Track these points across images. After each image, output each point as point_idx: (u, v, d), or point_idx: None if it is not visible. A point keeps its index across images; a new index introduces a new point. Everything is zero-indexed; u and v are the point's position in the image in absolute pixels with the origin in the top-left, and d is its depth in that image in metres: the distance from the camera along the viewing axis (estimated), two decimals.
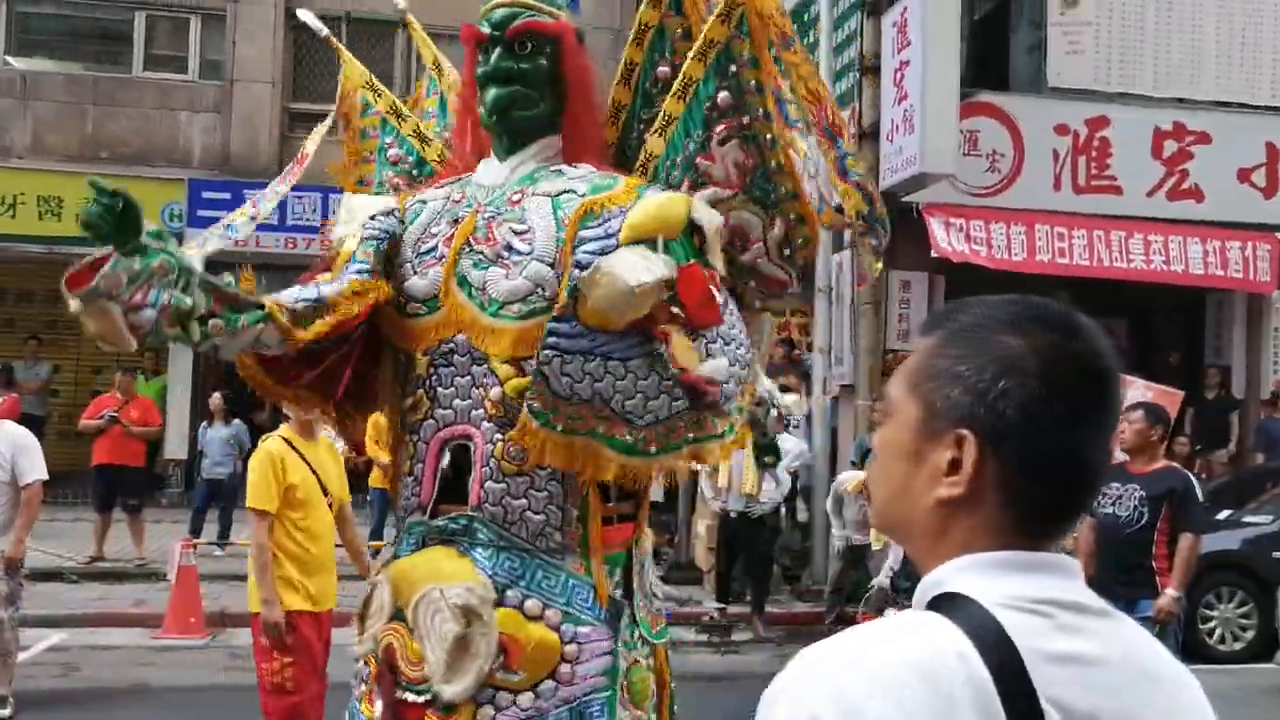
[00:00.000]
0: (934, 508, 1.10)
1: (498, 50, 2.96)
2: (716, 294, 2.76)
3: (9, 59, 13.69)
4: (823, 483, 10.06)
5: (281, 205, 10.58)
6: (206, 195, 13.28)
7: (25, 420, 10.09)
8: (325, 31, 3.81)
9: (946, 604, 1.05)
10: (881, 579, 7.22)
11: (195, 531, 10.50)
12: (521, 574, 2.81)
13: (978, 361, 1.09)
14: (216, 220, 4.05)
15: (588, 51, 3.12)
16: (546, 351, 2.69)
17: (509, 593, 2.78)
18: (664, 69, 3.08)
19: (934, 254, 10.04)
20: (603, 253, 2.69)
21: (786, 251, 3.01)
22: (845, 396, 10.77)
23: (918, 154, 9.42)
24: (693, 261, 2.74)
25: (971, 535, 1.09)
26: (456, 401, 2.89)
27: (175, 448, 13.59)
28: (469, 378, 2.88)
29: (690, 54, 2.97)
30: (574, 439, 2.72)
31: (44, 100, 13.58)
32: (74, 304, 2.42)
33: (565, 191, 2.91)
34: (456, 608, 2.73)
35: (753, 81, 2.93)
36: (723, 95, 2.92)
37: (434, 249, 2.97)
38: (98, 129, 13.49)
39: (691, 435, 2.79)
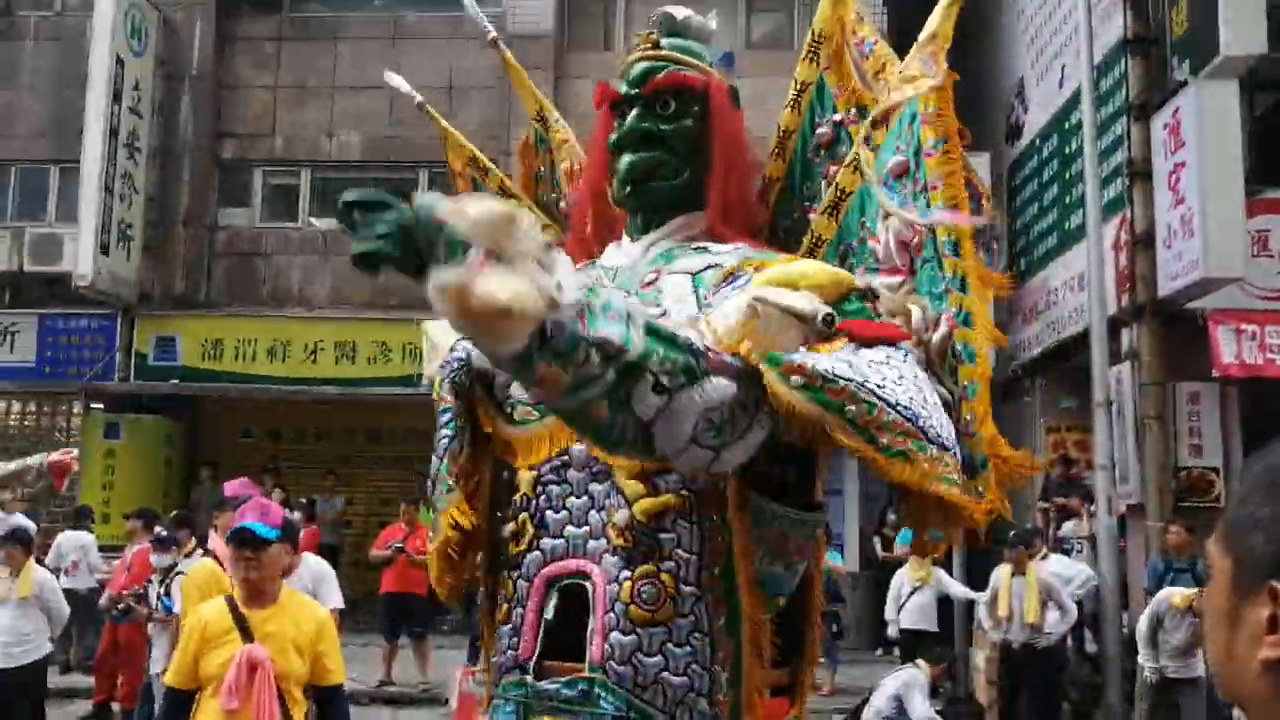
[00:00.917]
0: (1261, 673, 0.98)
1: (635, 110, 2.51)
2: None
3: (312, 220, 15.06)
4: (1112, 610, 9.37)
5: None
6: None
7: (322, 550, 10.80)
8: (419, 99, 3.42)
9: None
10: None
11: (473, 658, 10.81)
12: None
13: (1268, 502, 0.99)
14: None
15: (743, 114, 2.66)
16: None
17: None
18: (824, 130, 2.65)
19: (1215, 372, 9.36)
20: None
21: (948, 363, 2.33)
22: (1133, 517, 10.07)
23: (1199, 258, 8.88)
24: (845, 321, 2.14)
25: None
26: (570, 529, 2.33)
27: None
28: (586, 498, 2.33)
29: (871, 117, 2.48)
30: (827, 408, 1.98)
31: (342, 255, 14.80)
32: None
33: (710, 267, 2.38)
34: None
35: (931, 139, 2.38)
36: (896, 160, 2.40)
37: None
38: (388, 278, 14.45)
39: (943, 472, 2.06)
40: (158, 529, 8.99)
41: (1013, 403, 13.07)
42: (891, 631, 10.23)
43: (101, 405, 14.57)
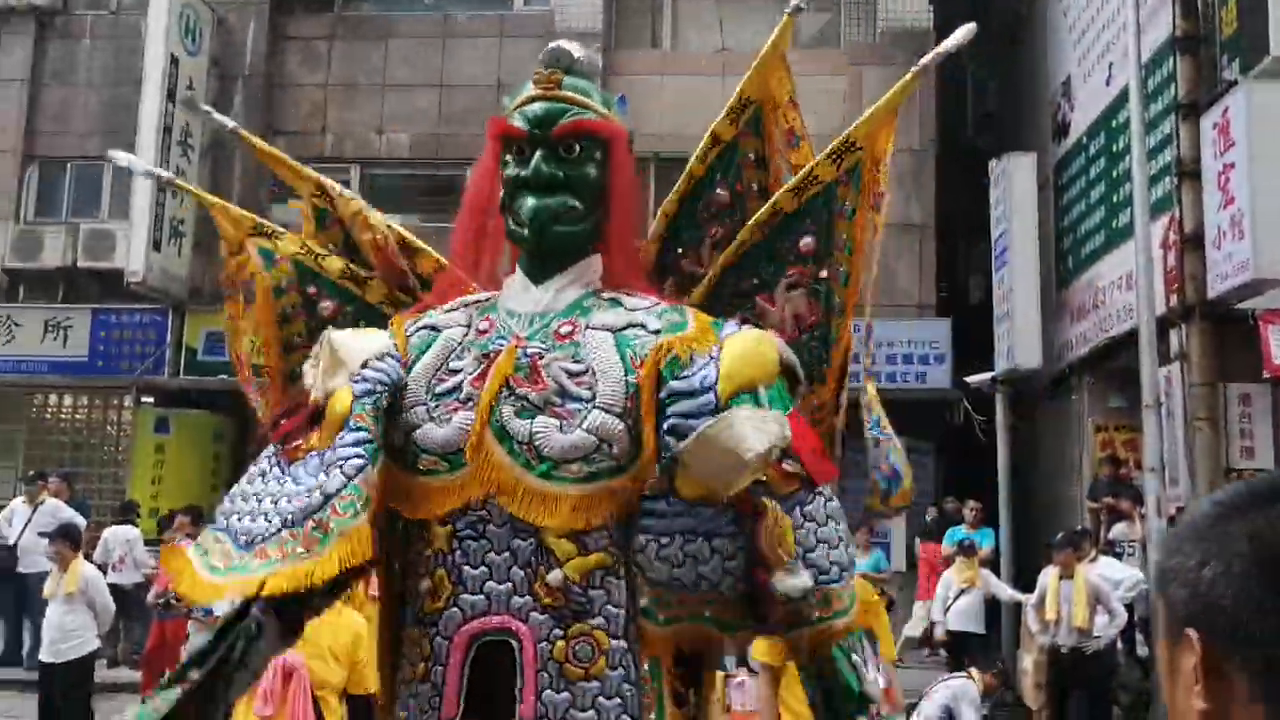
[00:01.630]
0: None
1: (539, 152, 2.43)
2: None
3: None
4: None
5: None
6: None
7: None
8: (231, 124, 3.15)
9: None
10: None
11: None
12: None
13: (1193, 553, 0.99)
14: None
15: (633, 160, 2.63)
16: (641, 536, 2.21)
17: None
18: (723, 193, 2.68)
19: (1266, 373, 9.24)
20: (699, 413, 2.19)
21: (817, 423, 2.53)
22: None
23: (1250, 259, 8.76)
24: (792, 409, 2.29)
25: None
26: (490, 584, 2.26)
27: None
28: (508, 554, 2.26)
29: (789, 185, 2.57)
30: (680, 626, 2.27)
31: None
32: None
33: (631, 326, 2.37)
34: None
35: (844, 235, 2.55)
36: (806, 240, 2.55)
37: (458, 389, 2.35)
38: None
39: (817, 614, 2.22)
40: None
41: (1060, 401, 12.97)
42: (938, 633, 10.18)
43: (152, 400, 14.80)
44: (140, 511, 12.44)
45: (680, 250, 2.71)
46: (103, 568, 10.73)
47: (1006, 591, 10.22)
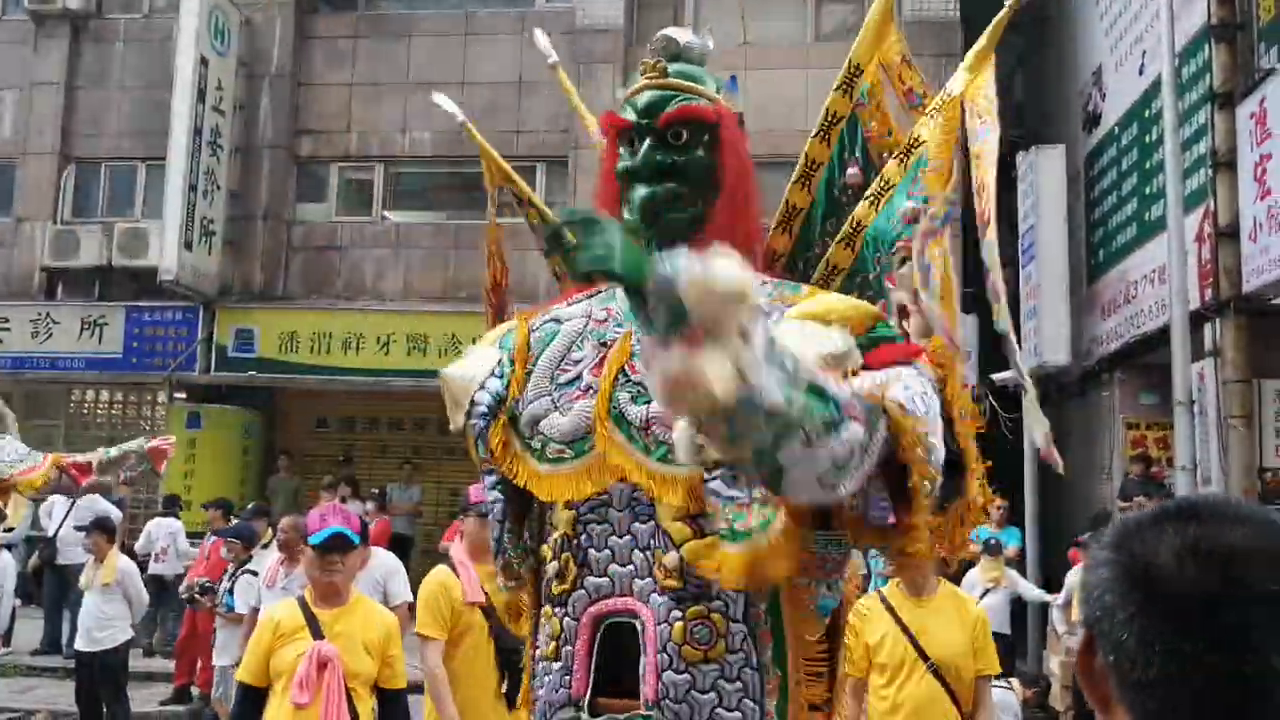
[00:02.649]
0: None
1: (647, 141, 2.46)
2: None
3: (385, 214, 15.29)
4: None
5: None
6: None
7: (395, 540, 10.95)
8: (461, 117, 3.47)
9: None
10: None
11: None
12: None
13: (1095, 566, 1.04)
14: None
15: (748, 139, 2.62)
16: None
17: None
18: (853, 170, 2.65)
19: None
20: None
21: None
22: None
23: None
24: (891, 342, 2.19)
25: None
26: (613, 567, 2.34)
27: None
28: (629, 537, 2.33)
29: (895, 153, 2.52)
30: (770, 532, 2.11)
31: (413, 248, 15.00)
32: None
33: None
34: None
35: (941, 193, 2.45)
36: (908, 205, 2.47)
37: (578, 379, 2.43)
38: (458, 271, 14.69)
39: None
40: (220, 522, 9.18)
41: (1091, 398, 12.84)
42: None
43: (184, 395, 14.98)
44: (182, 504, 12.58)
45: (819, 239, 2.67)
46: (146, 558, 10.89)
47: (1033, 591, 10.12)
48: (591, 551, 2.36)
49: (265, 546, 8.12)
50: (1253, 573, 0.94)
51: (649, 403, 2.28)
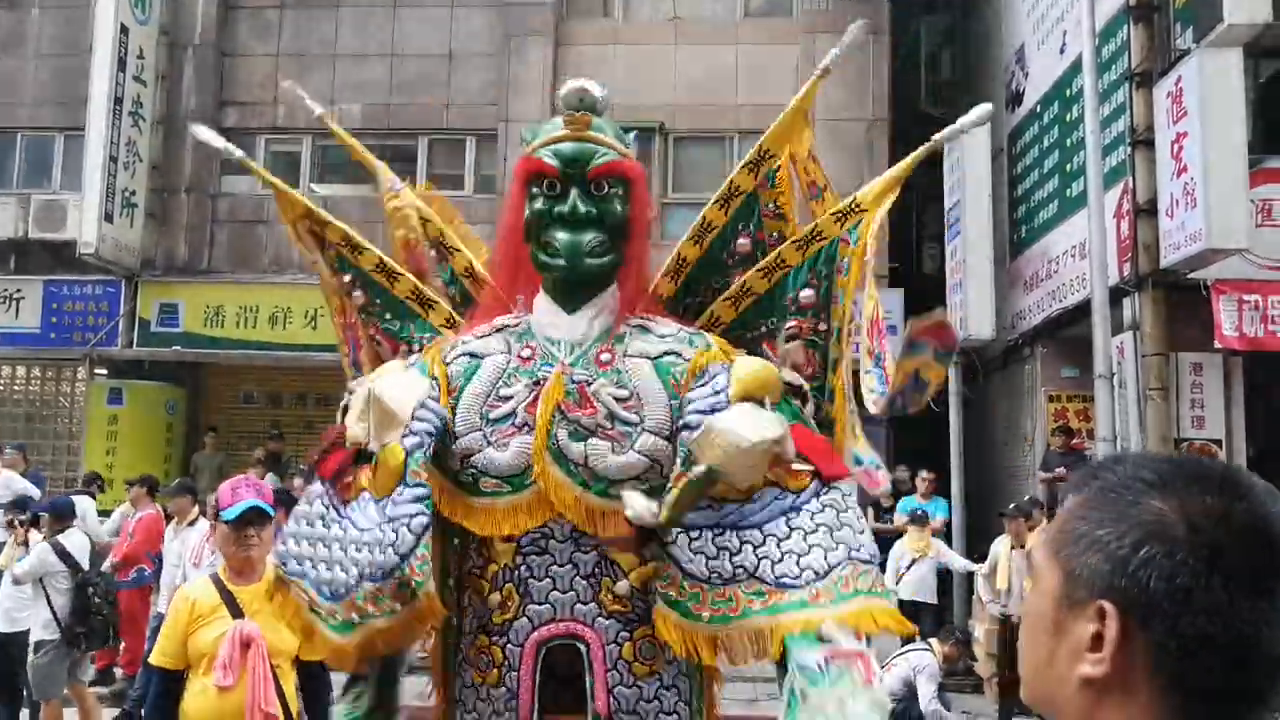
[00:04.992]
0: (1081, 688, 1.00)
1: (574, 190, 2.62)
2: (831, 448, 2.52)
3: (313, 186, 15.06)
4: None
5: None
6: None
7: None
8: (319, 110, 3.58)
9: None
10: None
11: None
12: None
13: (1118, 526, 0.99)
14: None
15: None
16: (672, 531, 2.36)
17: None
18: (744, 242, 2.83)
19: (1217, 343, 9.37)
20: (712, 410, 2.39)
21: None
22: None
23: (1203, 229, 8.85)
24: (798, 422, 2.49)
25: None
26: (555, 594, 2.51)
27: None
28: (570, 566, 2.51)
29: (792, 238, 2.73)
30: (727, 627, 2.33)
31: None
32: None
33: (667, 354, 2.59)
34: None
35: (841, 293, 2.68)
36: (806, 293, 2.70)
37: (513, 414, 2.54)
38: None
39: (862, 586, 2.40)
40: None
41: (1013, 371, 13.09)
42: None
43: (105, 371, 14.67)
44: (104, 484, 12.31)
45: (701, 291, 2.85)
46: None
47: (959, 561, 10.33)
48: (532, 581, 2.52)
49: (193, 524, 8.01)
50: None
51: (586, 440, 2.46)
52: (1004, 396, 13.47)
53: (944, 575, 10.50)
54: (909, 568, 9.93)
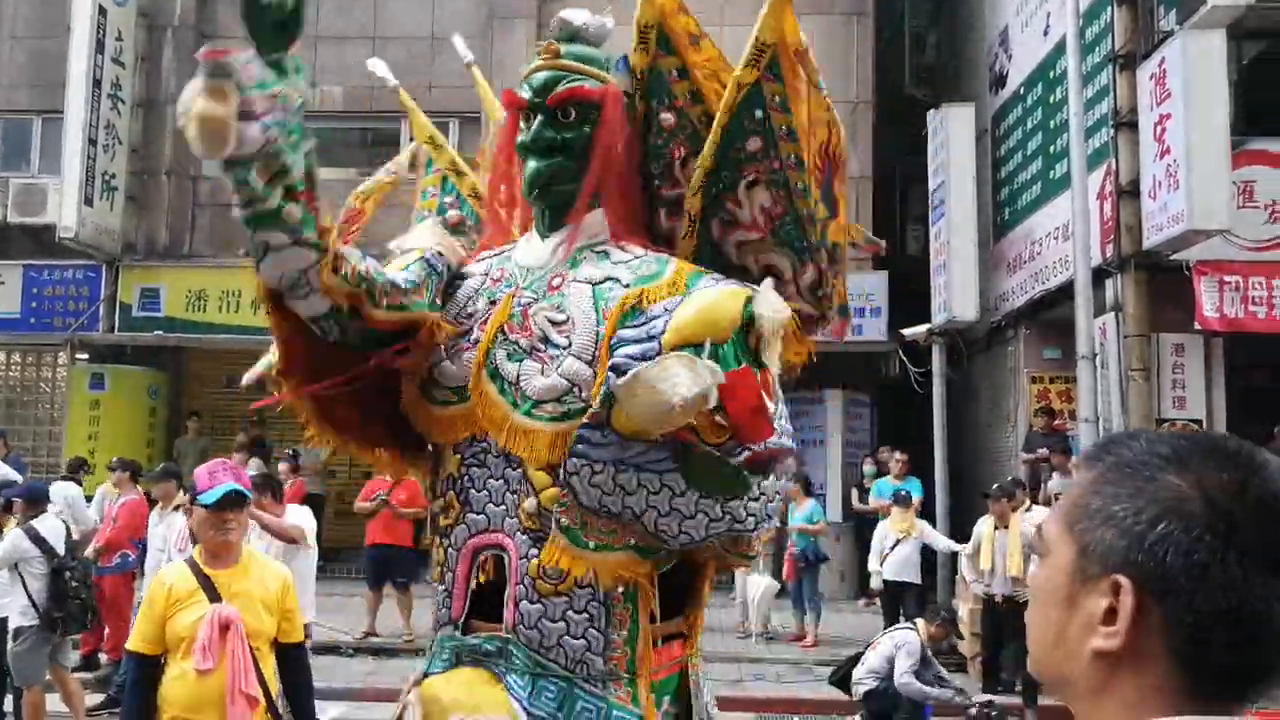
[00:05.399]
0: (1092, 661, 1.00)
1: (538, 118, 2.71)
2: (768, 401, 2.41)
3: None
4: None
5: None
6: None
7: (308, 499, 10.81)
8: (394, 83, 3.61)
9: None
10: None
11: None
12: (560, 705, 2.50)
13: (1135, 502, 1.00)
14: None
15: (629, 119, 2.81)
16: (574, 460, 2.42)
17: None
18: (667, 115, 2.83)
19: (1198, 324, 9.43)
20: (643, 357, 2.36)
21: (820, 293, 2.82)
22: None
23: (1185, 210, 8.89)
24: (744, 365, 2.39)
25: (1140, 696, 0.98)
26: (490, 506, 2.62)
27: None
28: (502, 481, 2.60)
29: (722, 105, 2.71)
30: (608, 556, 2.48)
31: (328, 203, 14.67)
32: (200, 79, 2.14)
33: (608, 279, 2.61)
34: None
35: (784, 126, 2.69)
36: (752, 141, 2.69)
37: (469, 332, 2.69)
38: (370, 228, 14.44)
39: (727, 548, 2.61)
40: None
41: (996, 352, 13.14)
42: (875, 583, 10.31)
43: (86, 356, 14.58)
44: (90, 467, 12.23)
45: (657, 181, 2.89)
46: None
47: (942, 541, 10.38)
48: (472, 491, 2.63)
49: (177, 509, 7.97)
50: None
51: (521, 361, 2.56)
52: (987, 378, 13.52)
53: (927, 555, 10.54)
54: (893, 548, 9.97)
